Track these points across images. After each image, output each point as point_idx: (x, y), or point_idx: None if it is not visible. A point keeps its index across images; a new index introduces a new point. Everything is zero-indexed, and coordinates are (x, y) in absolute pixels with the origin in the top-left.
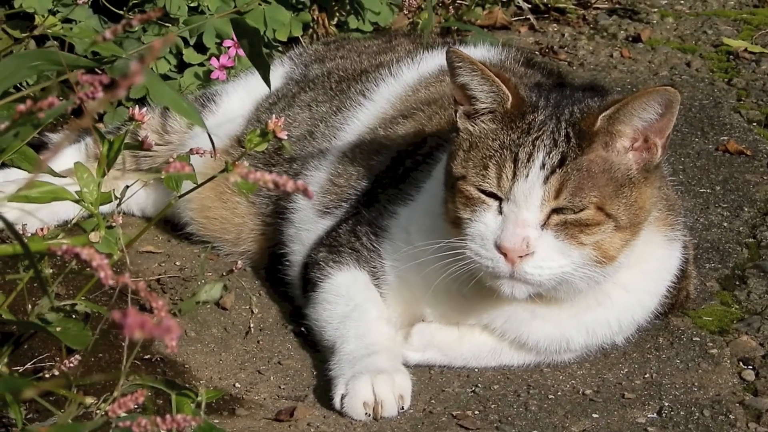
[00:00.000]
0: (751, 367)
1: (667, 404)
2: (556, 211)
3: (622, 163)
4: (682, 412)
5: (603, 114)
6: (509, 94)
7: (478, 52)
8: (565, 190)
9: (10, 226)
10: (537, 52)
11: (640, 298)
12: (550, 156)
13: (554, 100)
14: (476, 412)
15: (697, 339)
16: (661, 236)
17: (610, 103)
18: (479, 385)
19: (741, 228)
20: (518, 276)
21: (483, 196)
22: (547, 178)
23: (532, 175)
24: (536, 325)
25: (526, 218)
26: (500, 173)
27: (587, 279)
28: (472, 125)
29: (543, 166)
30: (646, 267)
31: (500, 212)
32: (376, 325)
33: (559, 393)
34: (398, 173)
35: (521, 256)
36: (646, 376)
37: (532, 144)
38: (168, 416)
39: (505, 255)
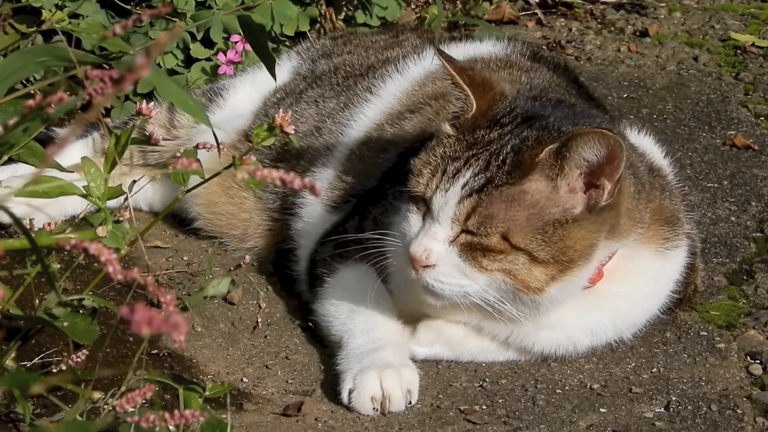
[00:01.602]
0: (758, 361)
1: (674, 398)
2: (465, 231)
3: (560, 199)
4: (689, 407)
5: (549, 147)
6: (474, 104)
7: (484, 46)
8: (474, 217)
9: (17, 220)
10: (544, 47)
11: (639, 303)
12: (476, 178)
13: (524, 119)
14: (484, 407)
15: (705, 333)
16: (651, 251)
17: (558, 137)
18: (487, 379)
19: (748, 222)
20: (422, 284)
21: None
22: (462, 199)
23: (452, 192)
24: (542, 334)
25: (436, 231)
26: (428, 182)
27: (514, 304)
28: (443, 125)
29: (464, 185)
30: (639, 278)
31: (423, 217)
32: (383, 320)
33: (566, 387)
34: (405, 169)
35: (423, 266)
36: (653, 370)
37: (465, 161)
38: (176, 411)
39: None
